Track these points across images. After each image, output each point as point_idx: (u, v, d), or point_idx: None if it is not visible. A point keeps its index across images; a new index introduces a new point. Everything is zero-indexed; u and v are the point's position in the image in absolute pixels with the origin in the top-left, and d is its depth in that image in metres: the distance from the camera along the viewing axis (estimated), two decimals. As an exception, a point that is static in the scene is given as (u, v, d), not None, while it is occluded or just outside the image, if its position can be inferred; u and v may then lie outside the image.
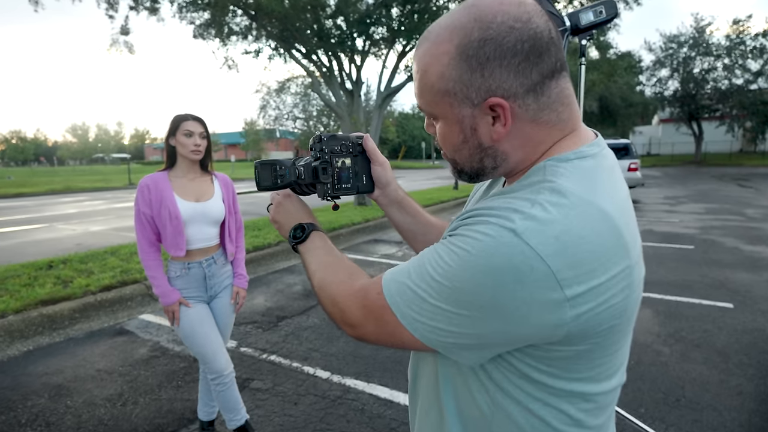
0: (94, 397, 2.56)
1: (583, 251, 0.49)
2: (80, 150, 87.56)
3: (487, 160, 0.60)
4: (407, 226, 0.89)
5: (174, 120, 1.89)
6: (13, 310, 3.58)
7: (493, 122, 0.56)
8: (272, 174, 0.79)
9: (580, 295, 0.49)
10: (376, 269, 5.21)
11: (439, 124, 0.62)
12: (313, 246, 0.78)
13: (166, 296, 1.86)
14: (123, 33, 8.92)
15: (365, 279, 0.67)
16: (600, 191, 0.54)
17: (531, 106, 0.55)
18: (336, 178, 0.80)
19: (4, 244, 7.19)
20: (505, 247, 0.49)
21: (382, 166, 0.86)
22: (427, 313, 0.55)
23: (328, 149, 0.79)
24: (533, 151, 0.59)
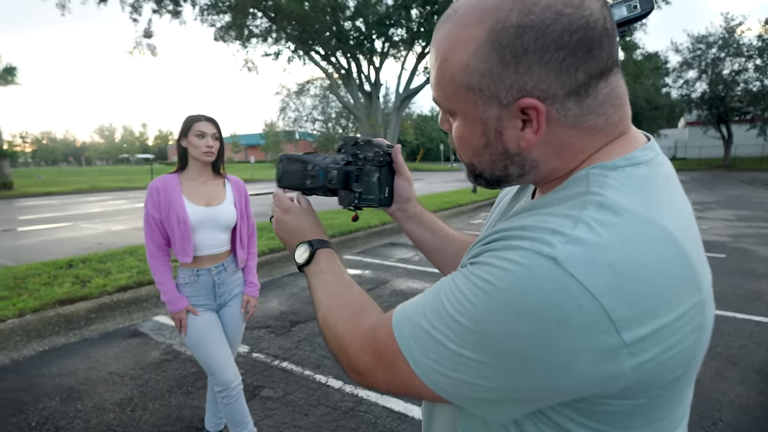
0: (105, 401, 2.53)
1: (644, 284, 0.39)
2: (107, 150, 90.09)
3: (512, 168, 0.51)
4: (427, 241, 0.81)
5: (186, 120, 1.83)
6: (31, 309, 3.61)
7: (522, 126, 0.47)
8: (301, 173, 0.72)
9: (642, 339, 0.39)
10: (392, 273, 5.12)
11: (457, 122, 0.52)
12: (318, 269, 0.69)
13: (173, 303, 1.80)
14: (146, 36, 9.08)
15: (375, 315, 0.57)
16: (660, 206, 0.44)
17: (572, 111, 0.46)
18: (365, 188, 0.73)
19: (30, 242, 7.35)
20: (543, 281, 0.39)
21: (407, 181, 0.78)
22: (446, 361, 0.45)
23: (363, 155, 0.71)
24: (572, 159, 0.49)
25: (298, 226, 0.75)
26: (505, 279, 0.41)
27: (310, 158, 0.73)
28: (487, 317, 0.41)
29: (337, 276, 0.67)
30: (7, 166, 18.83)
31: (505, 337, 0.41)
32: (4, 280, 4.38)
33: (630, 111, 0.50)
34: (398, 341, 0.49)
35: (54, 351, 3.21)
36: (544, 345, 0.39)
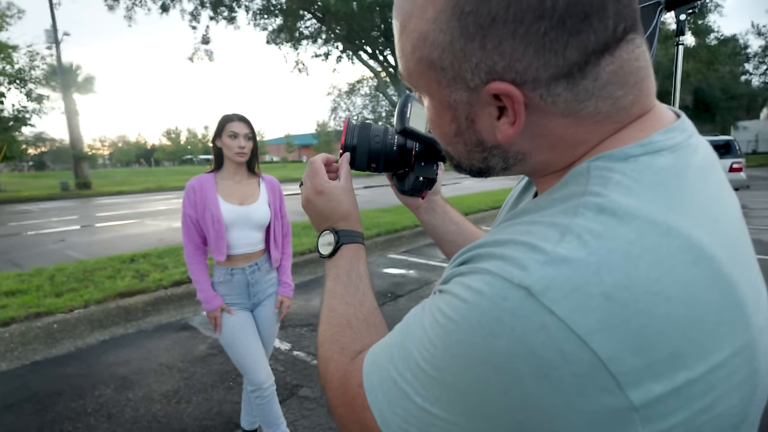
0: (153, 391, 2.64)
1: (658, 321, 0.28)
2: (173, 152, 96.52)
3: (493, 160, 0.41)
4: (449, 234, 0.75)
5: (220, 121, 1.85)
6: (95, 300, 3.88)
7: (498, 115, 0.37)
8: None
9: (659, 400, 0.28)
10: (437, 273, 4.99)
11: (426, 102, 0.43)
12: (335, 272, 0.58)
13: (208, 302, 1.82)
14: (204, 42, 9.55)
15: (351, 357, 0.47)
16: (688, 210, 0.32)
17: (562, 97, 0.34)
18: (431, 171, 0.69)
19: (101, 237, 7.97)
20: (511, 318, 0.29)
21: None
22: (414, 419, 0.35)
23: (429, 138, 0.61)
24: (570, 151, 0.38)
25: (330, 209, 0.62)
26: (466, 315, 0.31)
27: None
28: (449, 365, 0.32)
29: (350, 283, 0.57)
30: (86, 168, 20.64)
31: (473, 391, 0.31)
32: (75, 273, 4.75)
33: (653, 85, 0.37)
34: (366, 393, 0.40)
35: (113, 341, 3.42)
36: (522, 405, 0.30)
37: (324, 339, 0.52)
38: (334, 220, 0.62)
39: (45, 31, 18.94)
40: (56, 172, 53.53)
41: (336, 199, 0.62)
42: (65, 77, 19.20)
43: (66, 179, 20.50)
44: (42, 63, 19.12)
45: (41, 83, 19.28)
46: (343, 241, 0.60)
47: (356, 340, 0.50)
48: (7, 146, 18.86)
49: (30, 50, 18.59)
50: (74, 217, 11.06)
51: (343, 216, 0.62)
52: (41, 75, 19.18)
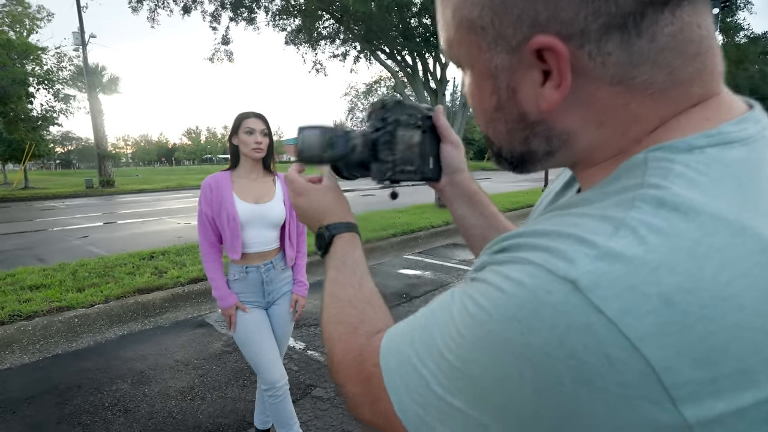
0: (169, 387, 2.66)
1: (727, 331, 0.24)
2: (193, 151, 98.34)
3: (535, 141, 0.36)
4: (477, 230, 0.67)
5: (236, 118, 1.84)
6: (115, 296, 3.95)
7: (543, 80, 0.33)
8: (320, 142, 0.61)
9: (719, 420, 0.25)
10: (453, 275, 4.94)
11: (467, 76, 0.39)
12: (333, 263, 0.58)
13: (223, 299, 1.82)
14: (224, 43, 9.66)
15: (367, 335, 0.46)
16: (764, 207, 0.28)
17: (613, 57, 0.30)
18: (399, 157, 0.60)
19: (122, 234, 8.14)
20: (553, 313, 0.26)
21: (455, 146, 0.65)
22: (432, 409, 0.33)
23: (394, 118, 0.59)
24: (621, 132, 0.33)
25: (314, 209, 0.63)
26: (501, 306, 0.28)
27: (330, 126, 0.62)
28: (477, 358, 0.30)
29: (348, 269, 0.56)
30: (110, 166, 21.16)
31: (501, 389, 0.28)
32: (96, 269, 4.85)
33: (719, 65, 0.33)
34: (384, 375, 0.38)
35: (130, 336, 3.46)
36: (558, 411, 0.26)
37: (328, 321, 0.52)
38: (321, 216, 0.63)
39: (72, 33, 19.50)
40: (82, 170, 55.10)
41: (318, 195, 0.63)
42: (91, 78, 19.73)
43: (91, 177, 21.07)
44: (69, 64, 19.71)
45: (68, 84, 19.86)
46: (332, 232, 0.60)
47: (364, 321, 0.48)
48: (35, 145, 19.48)
49: (58, 52, 19.18)
50: (97, 214, 11.34)
51: (328, 211, 0.62)
52: (68, 76, 19.77)
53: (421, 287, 4.53)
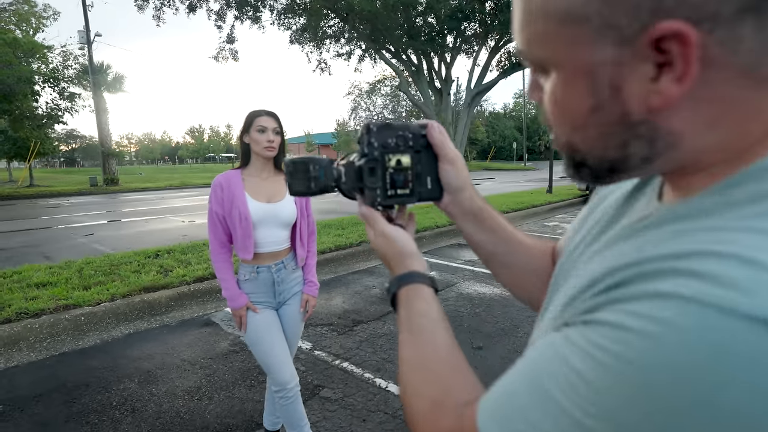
0: (176, 387, 2.65)
1: None
2: (196, 150, 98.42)
3: (635, 146, 0.33)
4: (485, 245, 0.63)
5: (248, 116, 1.82)
6: (121, 294, 3.94)
7: (657, 73, 0.29)
8: (305, 176, 0.61)
9: None
10: (459, 275, 4.91)
11: (551, 78, 0.35)
12: (399, 317, 0.53)
13: (233, 300, 1.80)
14: (229, 41, 9.66)
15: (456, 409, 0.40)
16: None
17: (745, 44, 0.27)
18: (389, 182, 0.58)
19: (127, 232, 8.15)
20: (719, 351, 0.22)
21: (453, 165, 0.59)
22: None
23: (380, 143, 0.58)
24: (744, 131, 0.30)
25: (384, 253, 0.60)
26: (646, 352, 0.24)
27: (314, 158, 0.61)
28: (620, 416, 0.25)
29: (417, 332, 0.50)
30: (114, 165, 21.22)
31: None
32: (102, 267, 4.85)
33: None
34: None
35: (137, 335, 3.46)
36: None
37: (405, 391, 0.47)
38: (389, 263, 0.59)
39: (78, 32, 19.56)
40: (86, 168, 55.33)
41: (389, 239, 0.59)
42: (96, 76, 19.78)
43: (95, 175, 21.13)
44: (74, 63, 19.76)
45: (73, 82, 19.92)
46: (394, 286, 0.56)
47: (448, 391, 0.43)
48: (40, 143, 19.55)
49: (63, 50, 19.23)
50: (102, 212, 11.37)
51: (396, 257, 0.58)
52: (73, 74, 19.81)
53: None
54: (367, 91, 27.37)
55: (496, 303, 4.04)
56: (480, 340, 3.26)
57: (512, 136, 56.12)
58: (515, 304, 3.93)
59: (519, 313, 3.73)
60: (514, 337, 3.30)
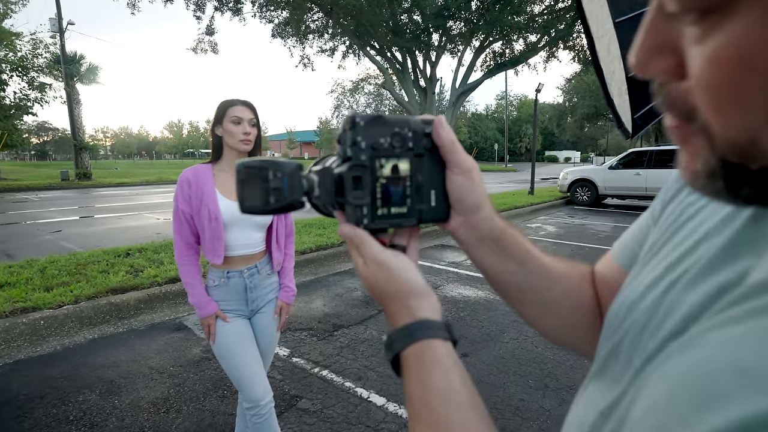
0: (141, 399, 2.46)
1: None
2: (175, 145, 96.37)
3: None
4: (510, 279, 0.49)
5: (220, 106, 1.66)
6: (86, 296, 3.69)
7: None
8: (262, 186, 0.42)
9: None
10: (442, 278, 4.81)
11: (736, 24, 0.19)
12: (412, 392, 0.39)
13: (201, 307, 1.63)
14: (208, 33, 9.34)
15: None
16: None
17: None
18: (381, 196, 0.43)
19: (98, 229, 7.79)
20: None
21: (466, 175, 0.45)
22: None
23: (368, 143, 0.43)
24: None
25: (379, 290, 0.44)
26: None
27: (275, 162, 0.43)
28: None
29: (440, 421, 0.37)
30: (87, 159, 20.44)
31: None
32: (67, 266, 4.57)
33: None
34: None
35: (102, 340, 3.23)
36: None
37: None
38: (388, 306, 0.44)
39: (49, 20, 18.74)
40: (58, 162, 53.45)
41: (385, 274, 0.43)
42: (68, 66, 19.01)
43: (67, 169, 20.33)
44: (45, 51, 18.94)
45: (44, 72, 19.10)
46: (395, 347, 0.41)
47: None
48: (8, 134, 18.69)
49: (33, 38, 18.41)
50: (72, 208, 10.89)
51: (397, 296, 0.43)
52: (44, 63, 19.00)
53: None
54: (351, 89, 27.16)
55: (480, 306, 3.94)
56: (465, 346, 3.15)
57: (494, 138, 56.69)
58: (500, 308, 3.85)
59: (504, 317, 3.65)
60: (500, 343, 3.21)
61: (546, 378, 2.71)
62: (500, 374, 2.74)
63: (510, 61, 10.85)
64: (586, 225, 8.70)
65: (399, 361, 0.41)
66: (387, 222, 0.44)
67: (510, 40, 10.20)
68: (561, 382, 2.66)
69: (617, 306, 0.41)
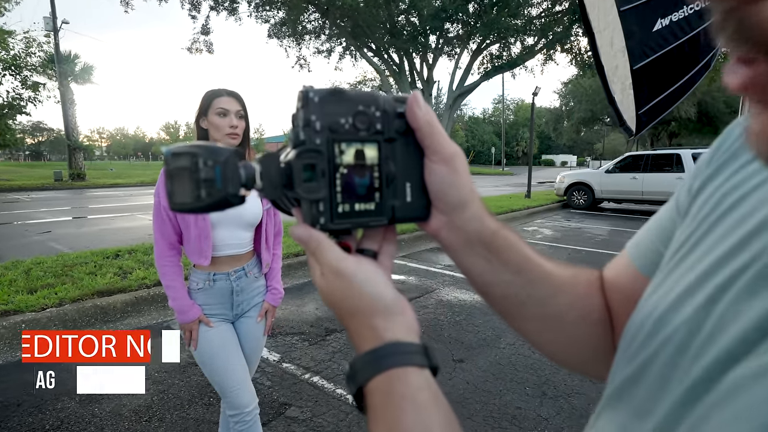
0: (122, 406, 2.35)
1: None
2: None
3: None
4: (503, 289, 0.40)
5: (205, 96, 1.57)
6: (71, 298, 3.58)
7: None
8: (191, 177, 0.34)
9: None
10: (438, 281, 4.72)
11: None
12: (372, 412, 0.31)
13: (183, 312, 1.54)
14: (203, 33, 9.26)
15: None
16: None
17: None
18: (342, 189, 0.35)
19: (89, 230, 7.66)
20: None
21: (448, 164, 0.37)
22: None
23: (324, 123, 0.34)
24: None
25: (339, 307, 0.36)
26: None
27: (208, 146, 0.34)
28: None
29: None
30: (81, 159, 20.25)
31: None
32: (53, 267, 4.45)
33: None
34: None
35: (85, 344, 3.12)
36: None
37: None
38: (354, 327, 0.35)
39: (43, 18, 18.59)
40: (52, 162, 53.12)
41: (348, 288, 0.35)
42: (62, 66, 18.85)
43: (60, 170, 20.13)
44: (39, 50, 18.77)
45: (37, 71, 18.92)
46: (357, 378, 0.33)
47: None
48: (1, 134, 18.48)
49: (27, 36, 18.24)
50: (64, 208, 10.74)
51: (363, 313, 0.34)
52: (38, 62, 18.83)
53: (405, 293, 4.30)
54: (348, 91, 27.15)
55: (476, 310, 3.86)
56: (461, 351, 3.07)
57: (491, 141, 56.84)
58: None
59: (500, 322, 3.54)
60: (496, 348, 3.12)
61: (543, 385, 2.63)
62: (496, 381, 2.66)
63: (507, 64, 10.83)
64: (582, 228, 8.66)
65: (363, 395, 0.32)
66: (350, 221, 0.35)
67: (507, 43, 10.18)
68: (559, 390, 2.58)
69: (640, 319, 0.33)
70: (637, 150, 19.06)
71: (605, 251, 6.47)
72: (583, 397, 2.49)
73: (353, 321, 0.34)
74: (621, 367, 0.32)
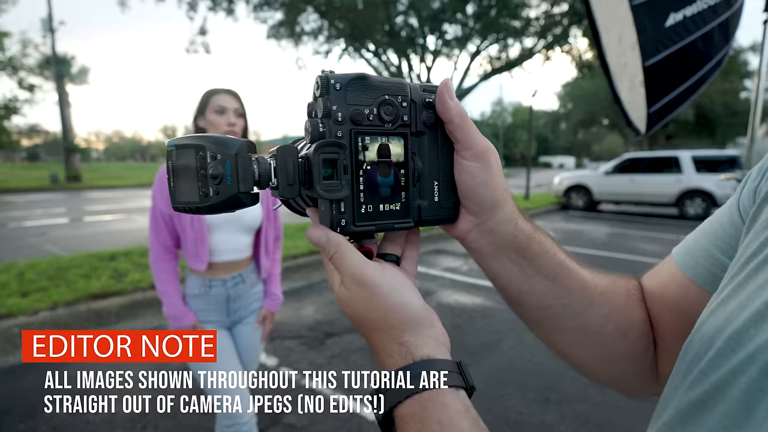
0: (115, 414, 2.30)
1: None
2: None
3: None
4: (537, 298, 0.36)
5: (203, 96, 1.53)
6: (64, 302, 3.52)
7: None
8: (195, 174, 0.30)
9: None
10: (438, 284, 4.68)
11: None
12: None
13: (177, 319, 1.49)
14: (201, 33, 9.22)
15: None
16: None
17: None
18: (365, 187, 0.31)
19: (84, 232, 7.59)
20: None
21: (481, 161, 0.33)
22: None
23: (347, 114, 0.30)
24: None
25: (362, 319, 0.32)
26: None
27: (215, 138, 0.30)
28: None
29: None
30: (77, 161, 20.16)
31: None
32: (47, 270, 4.39)
33: None
34: None
35: (79, 349, 3.06)
36: None
37: None
38: (381, 341, 0.31)
39: (40, 20, 18.52)
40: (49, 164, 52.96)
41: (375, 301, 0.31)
42: (59, 67, 18.76)
43: (56, 171, 20.03)
44: (35, 51, 18.70)
45: (34, 72, 18.84)
46: (388, 402, 0.29)
47: None
48: (-3, 135, 18.40)
49: (23, 37, 18.17)
50: (60, 210, 10.66)
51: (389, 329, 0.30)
52: (34, 63, 18.75)
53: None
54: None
55: (477, 314, 3.82)
56: (461, 355, 3.02)
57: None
58: (498, 315, 3.72)
59: (502, 325, 3.52)
60: (498, 353, 3.08)
61: (547, 390, 2.58)
62: (498, 386, 2.61)
63: (506, 65, 10.83)
64: (581, 230, 8.63)
65: (392, 420, 0.28)
66: (373, 223, 0.32)
67: (506, 45, 10.17)
68: (563, 395, 2.53)
69: (707, 336, 0.28)
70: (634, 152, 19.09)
71: (606, 253, 6.44)
72: (588, 403, 2.45)
73: (379, 336, 0.30)
74: (682, 390, 0.28)
